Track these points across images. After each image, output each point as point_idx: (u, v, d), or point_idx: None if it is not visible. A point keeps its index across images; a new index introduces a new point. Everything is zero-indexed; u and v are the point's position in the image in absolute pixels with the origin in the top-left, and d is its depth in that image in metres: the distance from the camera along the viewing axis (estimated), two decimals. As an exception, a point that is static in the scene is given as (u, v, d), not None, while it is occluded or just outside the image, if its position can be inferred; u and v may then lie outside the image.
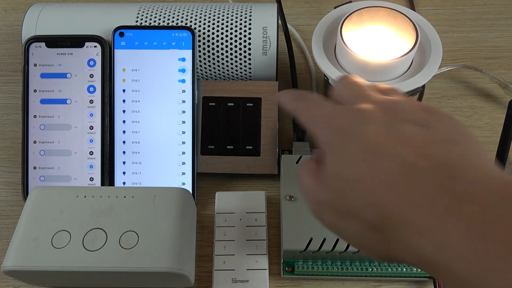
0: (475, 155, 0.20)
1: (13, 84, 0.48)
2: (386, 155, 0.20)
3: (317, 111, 0.25)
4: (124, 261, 0.29)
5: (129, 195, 0.32)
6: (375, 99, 0.23)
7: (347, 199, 0.21)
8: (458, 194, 0.18)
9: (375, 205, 0.20)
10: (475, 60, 0.49)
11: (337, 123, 0.23)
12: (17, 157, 0.42)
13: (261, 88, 0.39)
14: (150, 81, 0.38)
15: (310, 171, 0.24)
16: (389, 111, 0.22)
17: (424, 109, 0.23)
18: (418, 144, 0.20)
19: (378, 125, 0.22)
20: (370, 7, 0.36)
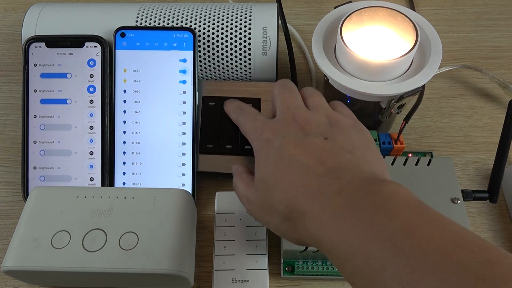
0: (362, 161, 0.27)
1: (13, 84, 0.48)
2: (295, 163, 0.27)
3: (251, 125, 0.32)
4: (124, 262, 0.29)
5: (129, 196, 0.32)
6: (296, 114, 0.30)
7: (269, 198, 0.27)
8: (337, 191, 0.24)
9: (286, 201, 0.26)
10: (475, 60, 0.49)
11: (264, 136, 0.29)
12: (17, 157, 0.42)
13: (261, 89, 0.39)
14: (151, 82, 0.38)
15: (242, 180, 0.31)
16: (303, 125, 0.29)
17: (332, 123, 0.29)
18: (319, 154, 0.27)
19: (292, 138, 0.28)
20: (370, 7, 0.36)
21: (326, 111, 0.31)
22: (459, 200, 0.33)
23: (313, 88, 0.34)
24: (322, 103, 0.32)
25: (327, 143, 0.27)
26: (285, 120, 0.30)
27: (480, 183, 0.40)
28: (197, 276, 0.35)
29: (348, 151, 0.27)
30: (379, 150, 0.29)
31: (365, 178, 0.25)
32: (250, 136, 0.32)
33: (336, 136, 0.28)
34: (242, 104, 0.36)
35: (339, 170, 0.26)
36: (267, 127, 0.30)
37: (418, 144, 0.43)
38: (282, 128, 0.29)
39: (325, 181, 0.25)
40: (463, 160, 0.42)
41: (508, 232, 0.37)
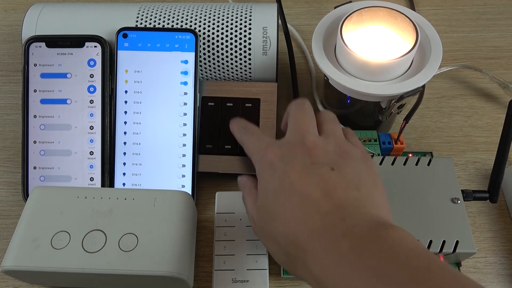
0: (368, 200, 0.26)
1: (13, 84, 0.48)
2: (298, 194, 0.25)
3: (255, 145, 0.30)
4: (123, 263, 0.29)
5: (130, 197, 0.32)
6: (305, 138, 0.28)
7: (269, 227, 0.26)
8: (341, 233, 0.23)
9: (285, 235, 0.25)
10: (475, 60, 0.49)
11: (267, 158, 0.28)
12: (17, 157, 0.42)
13: (260, 89, 0.39)
14: (152, 83, 0.38)
15: (251, 195, 0.29)
16: (311, 151, 0.27)
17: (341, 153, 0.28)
18: (324, 187, 0.25)
19: (298, 165, 0.27)
20: (370, 7, 0.36)
21: (337, 139, 0.29)
22: (459, 200, 0.33)
23: (330, 112, 0.32)
24: (335, 131, 0.30)
25: (333, 175, 0.26)
26: (292, 144, 0.28)
27: (480, 183, 0.40)
28: (197, 276, 0.35)
29: (354, 187, 0.26)
30: (384, 188, 0.28)
31: (370, 221, 0.24)
32: (253, 157, 0.30)
33: (344, 168, 0.27)
34: (247, 124, 0.34)
35: (344, 209, 0.24)
36: (271, 149, 0.29)
37: (418, 144, 0.43)
38: (288, 152, 0.28)
39: (329, 221, 0.24)
40: (463, 160, 0.42)
41: (508, 232, 0.37)
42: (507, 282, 0.35)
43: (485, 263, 0.36)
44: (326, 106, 0.42)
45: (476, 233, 0.37)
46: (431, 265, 0.21)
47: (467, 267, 0.35)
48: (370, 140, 0.38)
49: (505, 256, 0.36)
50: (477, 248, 0.35)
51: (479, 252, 0.36)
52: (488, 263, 0.36)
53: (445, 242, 0.31)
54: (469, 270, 0.35)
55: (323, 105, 0.43)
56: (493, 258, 0.36)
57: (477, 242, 0.37)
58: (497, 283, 0.35)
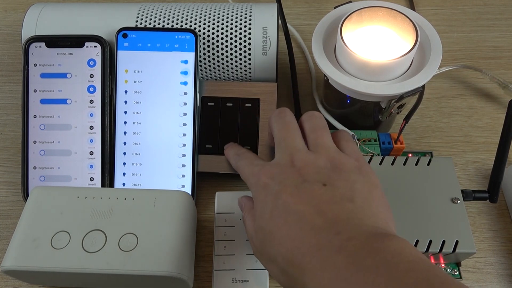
0: (363, 211, 0.25)
1: (13, 84, 0.48)
2: (292, 212, 0.25)
3: (249, 170, 0.30)
4: (123, 263, 0.29)
5: (130, 197, 0.32)
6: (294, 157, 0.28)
7: (267, 248, 0.26)
8: (337, 248, 0.23)
9: (282, 254, 0.25)
10: (475, 60, 0.49)
11: (261, 181, 0.28)
12: (17, 157, 0.42)
13: (260, 89, 0.39)
14: (152, 83, 0.38)
15: (251, 218, 0.29)
16: (301, 169, 0.27)
17: (333, 166, 0.28)
18: (317, 203, 0.25)
19: (290, 185, 0.27)
20: (370, 7, 0.36)
21: (327, 151, 0.29)
22: (459, 200, 0.33)
23: (313, 114, 0.31)
24: (324, 142, 0.29)
25: (325, 191, 0.26)
26: (282, 165, 0.28)
27: (480, 183, 0.40)
28: (197, 276, 0.35)
29: (348, 199, 0.25)
30: (384, 195, 0.27)
31: (366, 232, 0.23)
32: (248, 182, 0.30)
33: (336, 182, 0.26)
34: (240, 149, 0.35)
35: (338, 222, 0.24)
36: (264, 172, 0.29)
37: (418, 144, 0.43)
38: (280, 173, 0.28)
39: (323, 237, 0.24)
40: (463, 160, 0.42)
41: (508, 232, 0.37)
42: (507, 282, 0.35)
43: (485, 263, 0.36)
44: (326, 106, 0.42)
45: (476, 233, 0.37)
46: (431, 278, 0.20)
47: (467, 267, 0.35)
48: (370, 140, 0.38)
49: (505, 256, 0.36)
50: (477, 248, 0.35)
51: (479, 252, 0.36)
52: (488, 263, 0.36)
53: (445, 242, 0.31)
54: (469, 270, 0.35)
55: (323, 105, 0.43)
56: (493, 258, 0.36)
57: (477, 242, 0.37)
58: (497, 283, 0.35)
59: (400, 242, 0.22)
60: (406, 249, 0.22)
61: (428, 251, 0.31)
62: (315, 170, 0.27)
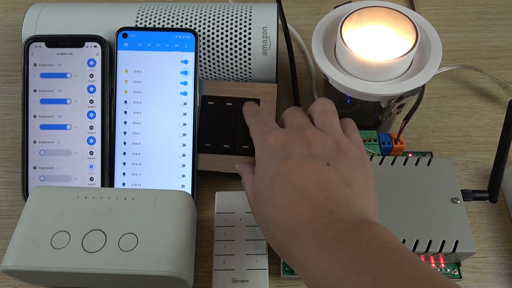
0: (357, 198, 0.26)
1: (13, 84, 0.48)
2: (292, 183, 0.26)
3: (260, 128, 0.31)
4: (123, 263, 0.29)
5: (130, 197, 0.32)
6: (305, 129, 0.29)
7: (262, 212, 0.27)
8: (327, 224, 0.24)
9: (274, 221, 0.26)
10: (475, 60, 0.49)
11: (269, 141, 0.29)
12: (17, 157, 0.42)
13: (260, 90, 0.39)
14: (152, 83, 0.38)
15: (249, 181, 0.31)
16: (310, 142, 0.28)
17: (338, 148, 0.29)
18: (319, 180, 0.26)
19: (296, 155, 0.28)
20: (370, 7, 0.36)
21: (335, 133, 0.30)
22: (459, 200, 0.33)
23: (326, 100, 0.33)
24: (332, 123, 0.31)
25: (328, 170, 0.27)
26: (293, 132, 0.30)
27: (480, 183, 0.40)
28: (197, 276, 0.35)
29: (346, 184, 0.27)
30: (375, 188, 0.29)
31: (356, 217, 0.25)
32: (255, 140, 0.31)
33: (339, 165, 0.28)
34: (259, 109, 0.36)
35: (333, 203, 0.26)
36: (274, 134, 0.30)
37: (418, 144, 0.43)
38: (289, 140, 0.29)
39: (317, 212, 0.25)
40: (463, 160, 0.42)
41: (508, 232, 0.37)
42: (507, 282, 0.35)
43: (485, 263, 0.36)
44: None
45: (476, 233, 0.37)
46: (405, 256, 0.22)
47: (467, 267, 0.35)
48: (370, 140, 0.38)
49: (505, 256, 0.36)
50: (477, 248, 0.35)
51: (479, 252, 0.36)
52: (487, 263, 0.36)
53: (444, 242, 0.31)
54: (469, 270, 0.35)
55: (323, 105, 0.43)
56: (493, 258, 0.36)
57: (477, 242, 0.37)
58: (497, 283, 0.35)
59: (383, 229, 0.24)
60: (387, 235, 0.23)
61: (428, 251, 0.31)
62: (322, 147, 0.28)
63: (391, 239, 0.23)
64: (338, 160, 0.28)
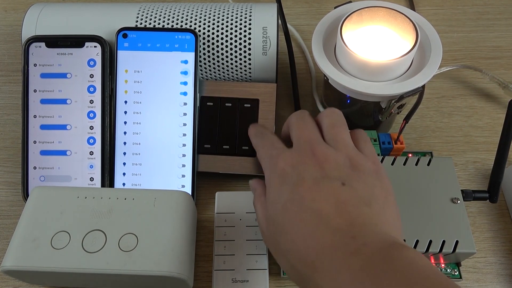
0: (379, 217, 0.25)
1: (13, 84, 0.48)
2: (308, 209, 0.25)
3: (267, 151, 0.30)
4: (123, 263, 0.29)
5: (130, 197, 0.32)
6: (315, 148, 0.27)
7: (278, 242, 0.26)
8: (352, 251, 0.22)
9: (295, 251, 0.24)
10: (475, 60, 0.49)
11: (279, 166, 0.27)
12: (17, 157, 0.42)
13: (259, 90, 0.39)
14: (152, 83, 0.38)
15: (261, 204, 0.29)
16: (322, 163, 0.26)
17: (352, 166, 0.27)
18: (335, 202, 0.25)
19: (308, 178, 0.26)
20: (370, 7, 0.36)
21: (347, 148, 0.28)
22: (459, 200, 0.33)
23: (334, 110, 0.30)
24: (343, 137, 0.29)
25: (344, 190, 0.25)
26: (303, 153, 0.27)
27: (480, 183, 0.40)
28: (197, 276, 0.35)
29: (366, 204, 0.25)
30: (396, 203, 0.27)
31: (381, 240, 0.23)
32: (264, 163, 0.29)
33: (355, 183, 0.26)
34: (264, 130, 0.34)
35: (354, 226, 0.24)
36: (282, 157, 0.28)
37: (418, 144, 0.43)
38: (299, 162, 0.27)
39: (339, 238, 0.23)
40: (463, 160, 0.42)
41: (508, 232, 0.37)
42: (507, 282, 0.35)
43: (485, 263, 0.36)
44: (326, 106, 0.42)
45: (476, 233, 0.37)
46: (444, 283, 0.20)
47: (467, 267, 0.35)
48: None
49: (505, 256, 0.36)
50: (477, 248, 0.35)
51: (479, 252, 0.36)
52: (488, 263, 0.36)
53: (445, 242, 0.31)
54: (469, 270, 0.35)
55: (323, 105, 0.43)
56: (493, 258, 0.36)
57: (477, 242, 0.37)
58: (497, 283, 0.35)
59: (414, 253, 0.22)
60: (420, 260, 0.22)
61: (428, 251, 0.31)
62: (335, 166, 0.27)
63: (425, 266, 0.21)
64: (353, 178, 0.26)
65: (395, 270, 0.21)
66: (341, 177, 0.26)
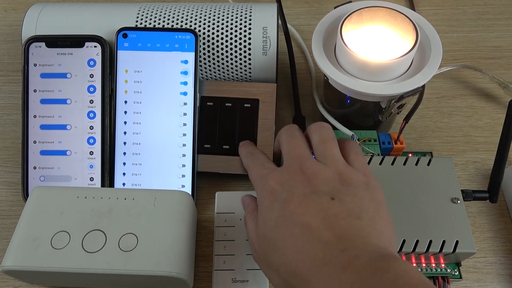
0: (370, 229, 0.25)
1: (13, 84, 0.48)
2: (298, 224, 0.25)
3: (258, 172, 0.30)
4: (123, 263, 0.29)
5: (130, 197, 0.32)
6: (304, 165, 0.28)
7: (270, 257, 0.26)
8: (343, 265, 0.23)
9: (286, 265, 0.25)
10: (475, 60, 0.49)
11: (268, 185, 0.28)
12: (17, 157, 0.42)
13: (259, 90, 0.39)
14: (152, 83, 0.38)
15: (253, 220, 0.29)
16: (311, 179, 0.27)
17: (341, 180, 0.27)
18: (326, 217, 0.25)
19: (298, 194, 0.26)
20: (370, 7, 0.36)
21: (336, 164, 0.28)
22: (459, 200, 0.33)
23: (322, 125, 0.31)
24: (332, 153, 0.29)
25: (333, 204, 0.26)
26: (292, 171, 0.28)
27: (480, 183, 0.40)
28: (197, 276, 0.35)
29: (356, 216, 0.25)
30: (388, 213, 0.27)
31: (372, 252, 0.23)
32: (255, 183, 0.30)
33: (345, 197, 0.26)
34: (254, 149, 0.35)
35: (345, 239, 0.24)
36: (272, 176, 0.28)
37: (418, 144, 0.43)
38: (289, 180, 0.28)
39: (330, 251, 0.24)
40: (463, 160, 0.42)
41: (508, 232, 0.37)
42: (507, 282, 0.35)
43: (485, 263, 0.36)
44: (326, 106, 0.42)
45: (476, 233, 0.37)
46: None
47: (467, 267, 0.35)
48: (370, 140, 0.38)
49: (505, 256, 0.36)
50: (477, 248, 0.35)
51: (479, 252, 0.36)
52: (488, 263, 0.36)
53: (445, 242, 0.31)
54: (469, 270, 0.35)
55: (323, 105, 0.43)
56: (493, 258, 0.36)
57: (477, 242, 0.37)
58: (497, 283, 0.35)
59: (404, 265, 0.22)
60: (410, 272, 0.22)
61: (428, 251, 0.31)
62: (324, 181, 0.27)
63: (415, 278, 0.22)
64: (342, 192, 0.27)
65: (386, 283, 0.21)
66: (330, 191, 0.27)
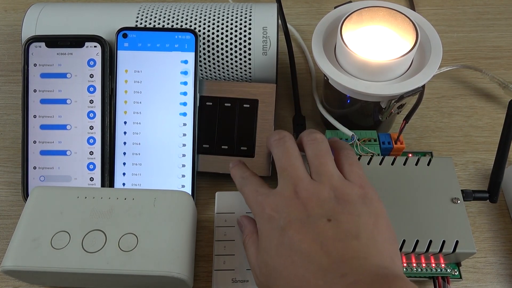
0: (368, 249, 0.25)
1: (13, 84, 0.48)
2: (298, 251, 0.25)
3: (253, 198, 0.30)
4: (123, 263, 0.29)
5: (130, 197, 0.32)
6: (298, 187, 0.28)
7: (272, 286, 0.26)
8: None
9: None
10: (475, 60, 0.49)
11: (266, 212, 0.28)
12: (17, 157, 0.42)
13: (259, 90, 0.39)
14: (152, 83, 0.38)
15: (253, 243, 0.29)
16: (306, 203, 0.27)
17: (337, 197, 0.27)
18: (324, 241, 0.25)
19: (295, 221, 0.26)
20: (370, 7, 0.36)
21: (331, 180, 0.28)
22: (459, 200, 0.33)
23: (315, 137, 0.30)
24: (327, 169, 0.29)
25: (330, 227, 0.26)
26: (286, 196, 0.28)
27: (480, 183, 0.40)
28: (197, 276, 0.35)
29: (353, 236, 0.25)
30: (390, 224, 0.27)
31: (372, 273, 0.23)
32: (251, 209, 0.30)
33: (341, 216, 0.26)
34: (245, 172, 0.33)
35: (344, 262, 0.24)
36: (268, 202, 0.28)
37: (418, 144, 0.43)
38: (284, 206, 0.27)
39: (330, 279, 0.24)
40: (463, 160, 0.42)
41: (508, 232, 0.37)
42: (507, 282, 0.35)
43: (485, 263, 0.36)
44: (326, 106, 0.42)
45: (476, 233, 0.37)
46: None
47: (467, 267, 0.35)
48: (370, 140, 0.38)
49: (505, 256, 0.36)
50: (477, 248, 0.35)
51: (479, 252, 0.36)
52: (488, 263, 0.36)
53: (445, 242, 0.31)
54: (469, 270, 0.35)
55: (323, 105, 0.43)
56: (493, 258, 0.36)
57: (477, 242, 0.37)
58: (497, 283, 0.35)
59: (406, 283, 0.22)
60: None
61: (428, 251, 0.31)
62: (319, 203, 0.27)
63: None
64: (338, 212, 0.26)
65: None
66: (326, 213, 0.26)
